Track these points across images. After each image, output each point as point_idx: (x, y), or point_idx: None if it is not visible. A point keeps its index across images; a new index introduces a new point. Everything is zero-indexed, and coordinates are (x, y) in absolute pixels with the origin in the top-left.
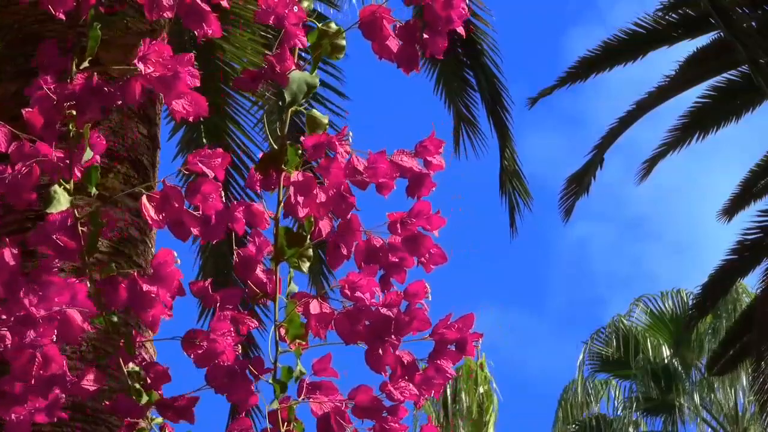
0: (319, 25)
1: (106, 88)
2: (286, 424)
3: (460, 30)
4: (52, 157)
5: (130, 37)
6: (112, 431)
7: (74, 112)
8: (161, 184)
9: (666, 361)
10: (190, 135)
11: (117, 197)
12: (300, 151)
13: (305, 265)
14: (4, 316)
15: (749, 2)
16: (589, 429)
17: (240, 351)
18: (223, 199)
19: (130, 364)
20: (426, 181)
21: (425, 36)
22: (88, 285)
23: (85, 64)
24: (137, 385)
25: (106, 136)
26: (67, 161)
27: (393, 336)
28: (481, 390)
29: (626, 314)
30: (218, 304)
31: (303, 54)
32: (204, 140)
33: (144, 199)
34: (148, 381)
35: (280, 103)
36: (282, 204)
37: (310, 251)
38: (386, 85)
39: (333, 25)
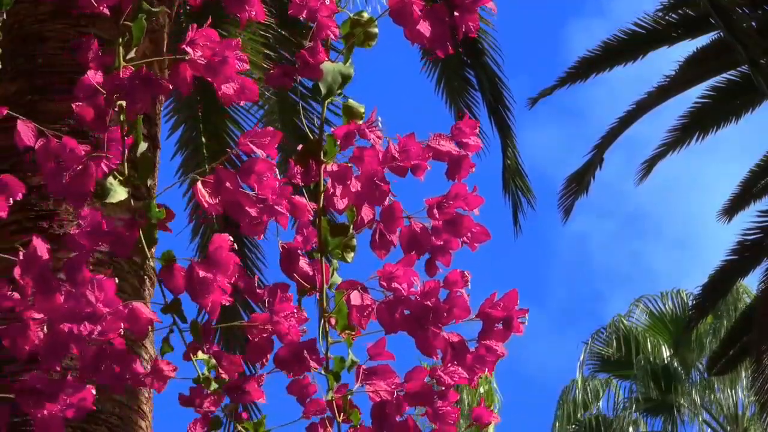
0: (351, 15)
1: (155, 77)
2: (341, 413)
3: (491, 5)
4: (79, 151)
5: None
6: (113, 431)
7: (123, 103)
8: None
9: (666, 361)
10: (189, 134)
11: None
12: (337, 142)
13: (350, 256)
14: (36, 315)
15: (749, 2)
16: (589, 429)
17: (307, 332)
18: (278, 176)
19: (199, 353)
20: (465, 163)
21: (456, 14)
22: (117, 281)
23: (132, 54)
24: (206, 372)
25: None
26: (119, 154)
27: (433, 325)
28: (482, 390)
29: (626, 314)
30: (266, 299)
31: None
32: (203, 139)
33: (199, 184)
34: (220, 371)
35: (316, 95)
36: (322, 195)
37: (354, 241)
38: (387, 85)
39: (365, 14)
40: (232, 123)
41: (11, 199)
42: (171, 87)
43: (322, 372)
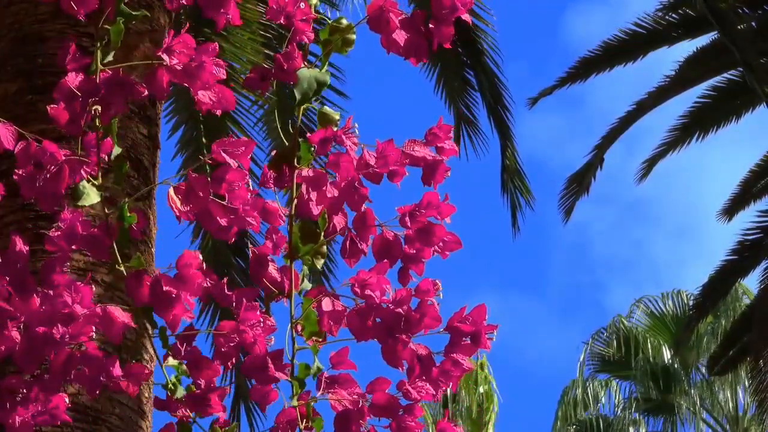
0: (330, 21)
1: (132, 82)
2: (304, 420)
3: (466, 17)
4: (59, 156)
5: (130, 37)
6: (113, 431)
7: (99, 107)
8: (175, 179)
9: (666, 361)
10: (190, 134)
11: (117, 197)
12: (312, 148)
13: (319, 262)
14: (13, 314)
15: (749, 2)
16: (589, 429)
17: (273, 342)
18: (250, 187)
19: (169, 359)
20: (440, 168)
21: (431, 26)
22: (93, 287)
23: (109, 58)
24: (173, 379)
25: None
26: (93, 158)
27: (404, 333)
28: (481, 390)
29: (627, 315)
30: (234, 304)
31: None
32: (203, 140)
33: (171, 191)
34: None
35: (291, 101)
36: (295, 201)
37: (325, 248)
38: (386, 85)
39: (344, 21)
40: (233, 123)
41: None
42: (146, 92)
43: (288, 378)
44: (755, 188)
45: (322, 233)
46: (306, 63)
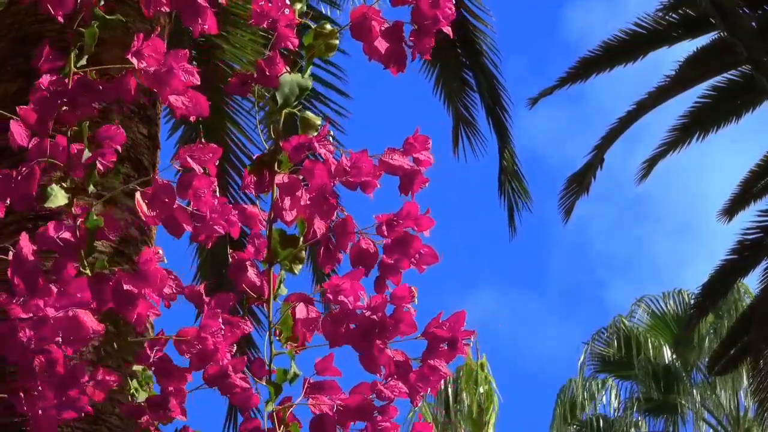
0: (314, 26)
1: (100, 86)
2: (282, 425)
3: (447, 30)
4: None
5: (130, 37)
6: (113, 431)
7: (66, 109)
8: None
9: (667, 361)
10: (189, 134)
11: (117, 197)
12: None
13: (297, 267)
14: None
15: (749, 2)
16: (590, 429)
17: (234, 350)
18: (217, 194)
19: (133, 365)
20: (417, 178)
21: (411, 36)
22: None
23: (83, 62)
24: (135, 383)
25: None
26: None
27: (379, 339)
28: (482, 390)
29: (628, 315)
30: (208, 308)
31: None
32: (203, 140)
33: (138, 195)
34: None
35: (273, 106)
36: (273, 206)
37: (303, 253)
38: (386, 86)
39: (328, 26)
40: (232, 124)
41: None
42: (116, 95)
43: (264, 383)
44: (755, 188)
45: (301, 239)
46: (295, 64)
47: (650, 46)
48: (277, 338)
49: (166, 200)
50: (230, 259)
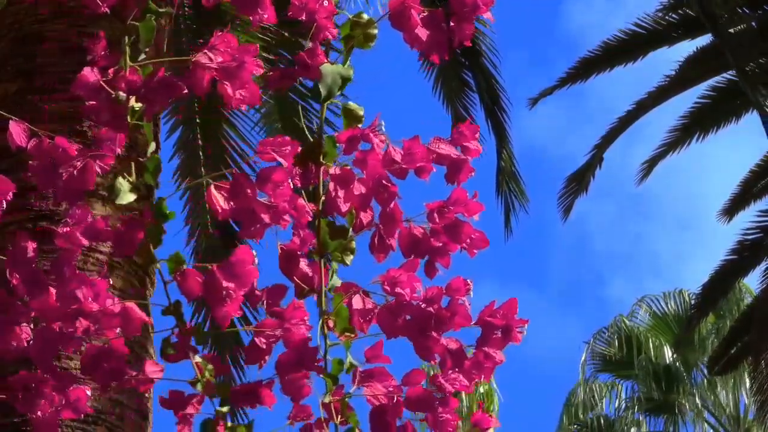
0: (351, 16)
1: (173, 81)
2: (339, 415)
3: (488, 16)
4: (72, 151)
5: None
6: (113, 431)
7: (135, 105)
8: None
9: (668, 361)
10: (187, 135)
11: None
12: (339, 146)
13: (349, 258)
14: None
15: (749, 2)
16: (591, 429)
17: (311, 340)
18: (292, 187)
19: (197, 357)
20: (465, 167)
21: (452, 23)
22: (110, 281)
23: (143, 56)
24: (206, 374)
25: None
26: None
27: (434, 331)
28: (481, 390)
29: (629, 315)
30: (263, 302)
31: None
32: (200, 142)
33: (213, 189)
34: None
35: (315, 97)
36: (323, 198)
37: (353, 243)
38: (386, 86)
39: (364, 16)
40: (229, 126)
41: (6, 199)
42: (186, 90)
43: (321, 375)
44: (755, 188)
45: (351, 229)
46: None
47: (650, 46)
48: (331, 329)
49: (248, 192)
50: (279, 252)
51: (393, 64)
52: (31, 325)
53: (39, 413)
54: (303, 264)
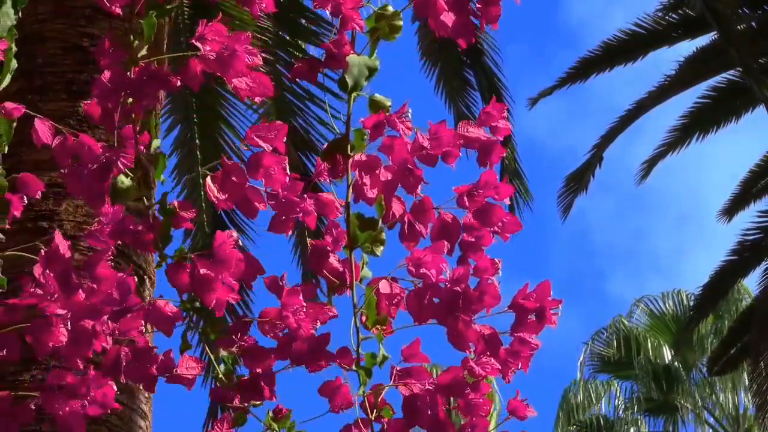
0: (376, 8)
1: (164, 74)
2: (374, 410)
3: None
4: (96, 149)
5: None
6: (113, 431)
7: (130, 100)
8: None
9: (667, 361)
10: (185, 134)
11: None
12: (365, 135)
13: (379, 250)
14: (61, 311)
15: (749, 2)
16: (590, 430)
17: (318, 327)
18: (288, 172)
19: (221, 351)
20: (495, 148)
21: (478, 6)
22: (136, 279)
23: (143, 52)
24: (223, 368)
25: (105, 136)
26: (129, 152)
27: (463, 312)
28: None
29: (627, 315)
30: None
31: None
32: (197, 141)
33: (209, 179)
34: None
35: (342, 88)
36: (351, 189)
37: (384, 235)
38: (386, 86)
39: (389, 8)
40: (226, 126)
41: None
42: (179, 83)
43: (354, 368)
44: (755, 188)
45: (380, 220)
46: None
47: (650, 46)
48: (363, 324)
49: (238, 181)
50: (309, 248)
51: (393, 63)
52: (68, 324)
53: (66, 410)
54: (333, 259)
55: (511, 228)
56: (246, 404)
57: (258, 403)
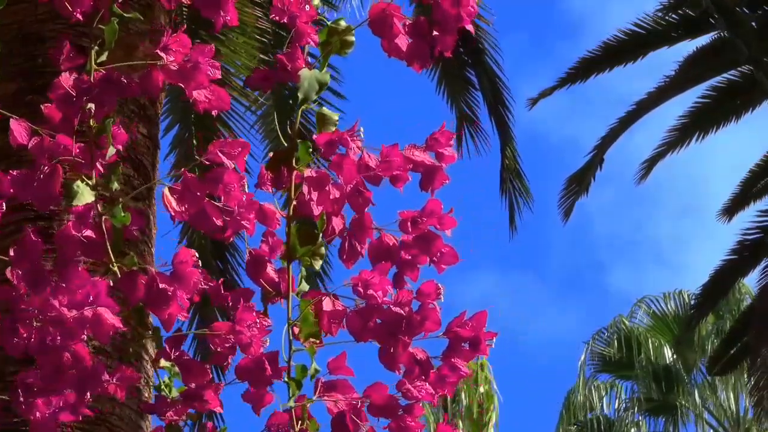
0: (329, 23)
1: (124, 80)
2: (299, 422)
3: (470, 27)
4: (73, 150)
5: (131, 37)
6: (113, 431)
7: (92, 106)
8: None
9: (668, 361)
10: (183, 135)
11: (117, 197)
12: (311, 149)
13: (318, 263)
14: (28, 308)
15: (749, 2)
16: (590, 430)
17: (267, 343)
18: (245, 190)
19: (162, 361)
20: (439, 174)
21: (435, 33)
22: (111, 281)
23: (103, 57)
24: (166, 380)
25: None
26: (88, 157)
27: (404, 335)
28: (481, 390)
29: (628, 315)
30: (230, 305)
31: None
32: (194, 141)
33: (166, 190)
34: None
35: (292, 102)
36: (294, 202)
37: (323, 249)
38: (387, 86)
39: (342, 23)
40: (224, 127)
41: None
42: (139, 90)
43: (284, 380)
44: (755, 188)
45: (320, 234)
46: (308, 62)
47: (650, 46)
48: (296, 335)
49: (197, 195)
50: (247, 257)
51: (395, 63)
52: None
53: (38, 414)
54: (270, 269)
55: (448, 260)
56: (179, 418)
57: (193, 416)
